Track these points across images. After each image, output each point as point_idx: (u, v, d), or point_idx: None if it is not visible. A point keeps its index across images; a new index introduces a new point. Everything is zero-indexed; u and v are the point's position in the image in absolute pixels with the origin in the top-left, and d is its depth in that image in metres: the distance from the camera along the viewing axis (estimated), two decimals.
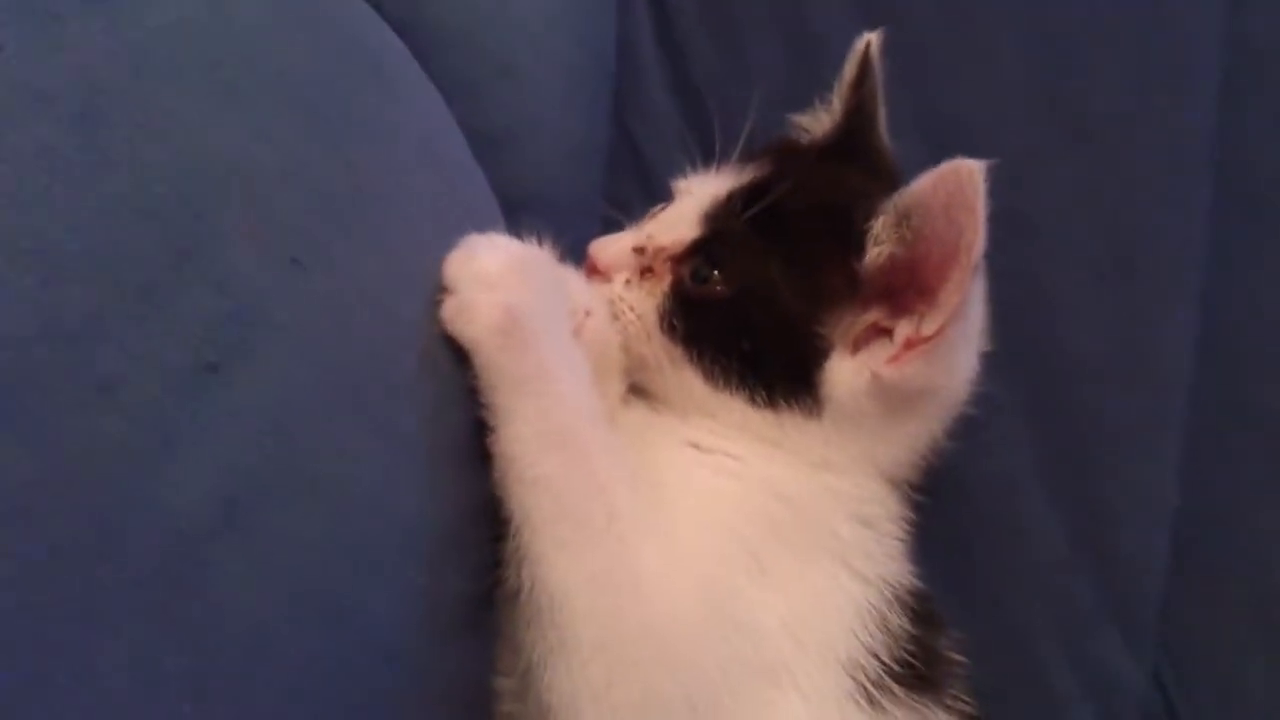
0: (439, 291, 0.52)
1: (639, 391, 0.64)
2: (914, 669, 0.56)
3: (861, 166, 0.67)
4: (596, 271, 0.65)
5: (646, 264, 0.64)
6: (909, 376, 0.57)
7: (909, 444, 0.62)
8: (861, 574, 0.57)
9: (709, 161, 0.67)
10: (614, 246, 0.65)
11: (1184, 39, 0.79)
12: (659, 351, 0.62)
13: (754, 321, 0.60)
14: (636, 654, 0.50)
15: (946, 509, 0.65)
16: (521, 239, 0.56)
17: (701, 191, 0.65)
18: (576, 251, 0.62)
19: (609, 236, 0.67)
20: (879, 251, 0.56)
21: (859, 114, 0.69)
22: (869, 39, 0.70)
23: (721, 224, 0.62)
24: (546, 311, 0.53)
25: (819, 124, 0.71)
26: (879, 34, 0.70)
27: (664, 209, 0.67)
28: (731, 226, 0.62)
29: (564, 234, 0.59)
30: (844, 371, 0.58)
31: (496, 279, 0.52)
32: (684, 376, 0.61)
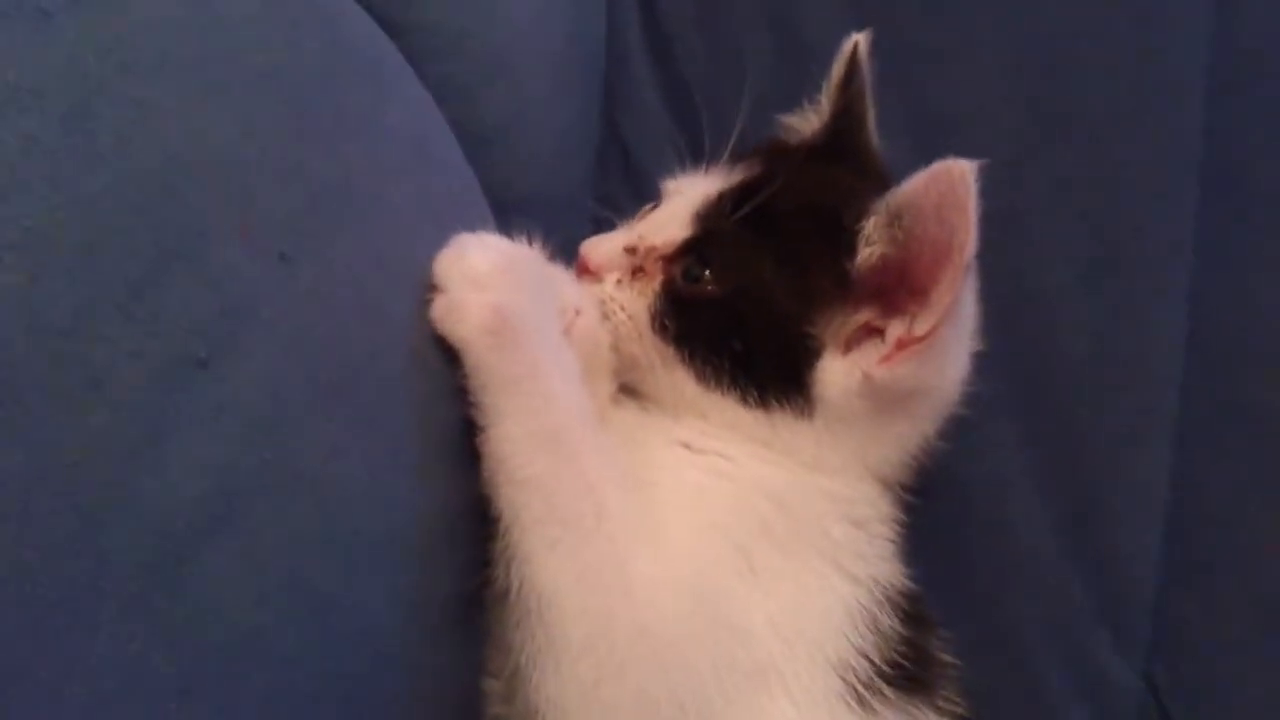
0: (429, 290, 0.52)
1: (630, 391, 0.64)
2: (905, 670, 0.55)
3: (851, 167, 0.67)
4: (588, 271, 0.65)
5: (638, 264, 0.64)
6: (901, 377, 0.57)
7: (901, 444, 0.62)
8: (852, 574, 0.57)
9: (698, 161, 0.68)
10: (605, 246, 0.65)
11: (1171, 38, 0.79)
12: (650, 351, 0.62)
13: (745, 321, 0.60)
14: (625, 654, 0.49)
15: (937, 509, 0.65)
16: (512, 238, 0.56)
17: (692, 191, 0.65)
18: (566, 251, 0.62)
19: (600, 236, 0.67)
20: (870, 251, 0.56)
21: (847, 114, 0.69)
22: (856, 39, 0.70)
23: (712, 224, 0.62)
24: (536, 311, 0.53)
25: (808, 124, 0.72)
26: (866, 35, 0.70)
27: (654, 208, 0.68)
28: (722, 226, 0.62)
29: (554, 233, 0.59)
30: (835, 372, 0.58)
31: (486, 278, 0.52)
32: (675, 376, 0.61)
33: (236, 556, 0.41)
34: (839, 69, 0.70)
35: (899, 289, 0.56)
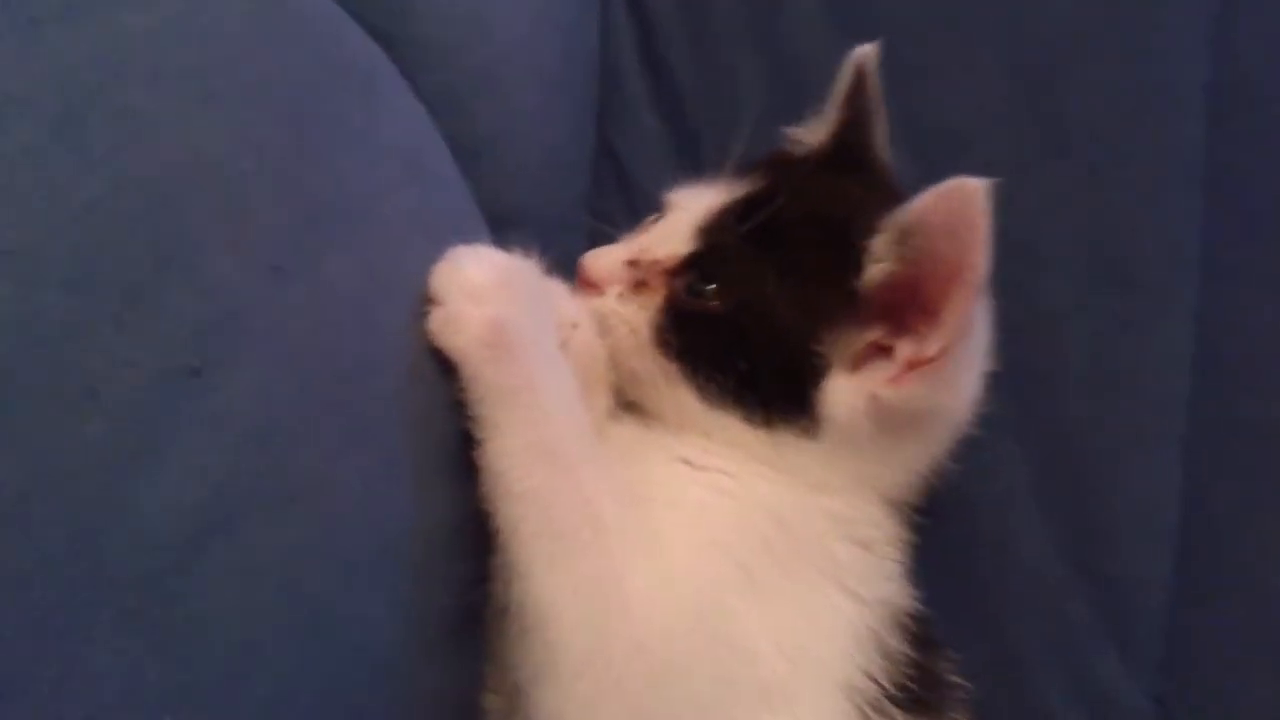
0: (426, 303, 0.52)
1: (631, 407, 0.63)
2: (913, 692, 0.54)
3: (858, 179, 0.66)
4: (588, 284, 0.64)
5: (640, 277, 0.63)
6: (910, 398, 0.55)
7: (909, 466, 0.61)
8: (858, 596, 0.56)
9: (692, 175, 0.67)
10: (606, 259, 0.65)
11: (1171, 53, 0.78)
12: (652, 367, 0.61)
13: (750, 338, 0.59)
14: (623, 671, 0.49)
15: (941, 529, 0.64)
16: (508, 252, 0.56)
17: (695, 204, 0.64)
18: (562, 265, 0.61)
19: (601, 249, 0.66)
20: (879, 269, 0.55)
21: (854, 126, 0.68)
22: (865, 51, 0.69)
23: (717, 237, 0.61)
24: (533, 324, 0.53)
25: (814, 136, 0.71)
26: (875, 47, 0.69)
27: (656, 221, 0.67)
28: (727, 240, 0.61)
29: (549, 247, 0.58)
30: (842, 391, 0.57)
31: (483, 291, 0.52)
32: (677, 393, 0.60)
33: (233, 567, 0.41)
34: (845, 81, 0.69)
35: (909, 307, 0.55)
